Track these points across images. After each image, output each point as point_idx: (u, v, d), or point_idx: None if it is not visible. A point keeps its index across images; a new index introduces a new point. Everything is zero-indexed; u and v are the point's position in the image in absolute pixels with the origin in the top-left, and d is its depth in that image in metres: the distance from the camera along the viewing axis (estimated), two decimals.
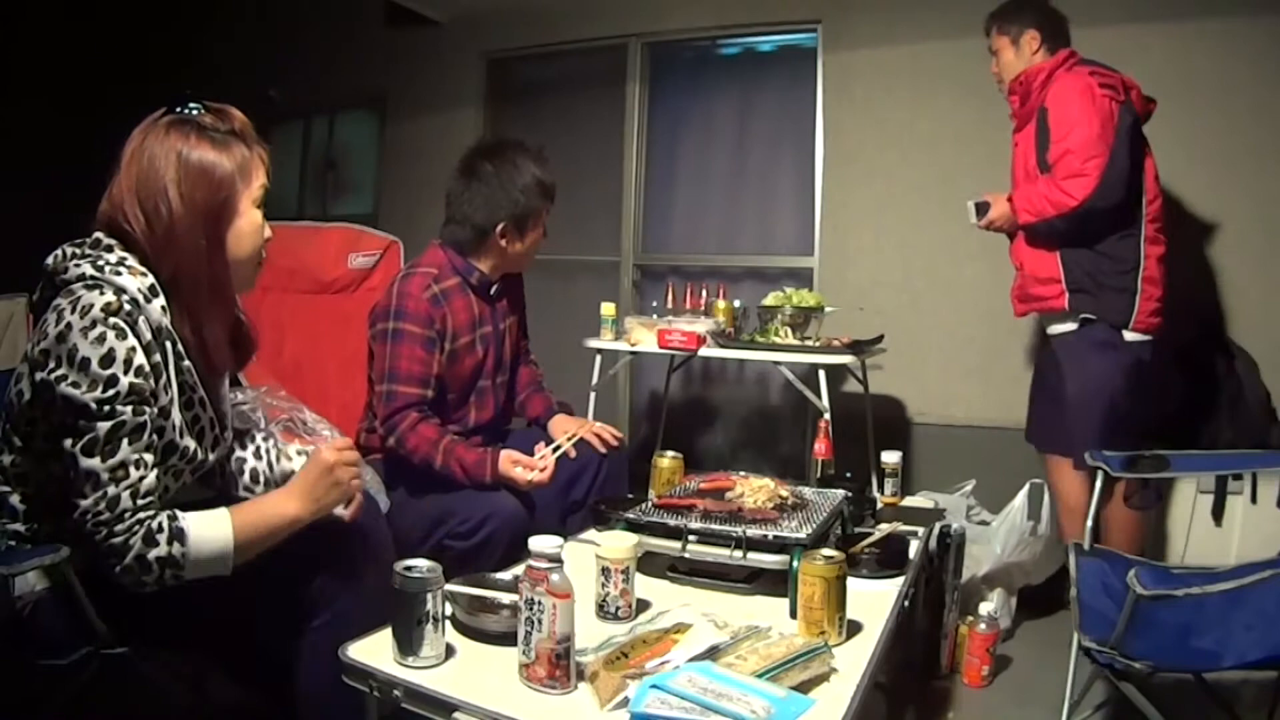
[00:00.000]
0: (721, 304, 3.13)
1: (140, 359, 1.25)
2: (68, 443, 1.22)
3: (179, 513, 1.27)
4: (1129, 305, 2.39)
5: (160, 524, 1.24)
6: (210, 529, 1.28)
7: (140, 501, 1.23)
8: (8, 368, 1.98)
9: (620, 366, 3.42)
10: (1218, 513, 2.59)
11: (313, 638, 1.35)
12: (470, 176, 2.16)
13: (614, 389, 4.10)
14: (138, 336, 1.25)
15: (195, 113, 1.35)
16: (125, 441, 1.23)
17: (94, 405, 1.20)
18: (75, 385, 1.20)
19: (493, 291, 2.23)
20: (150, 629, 1.34)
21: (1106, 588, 1.72)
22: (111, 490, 1.22)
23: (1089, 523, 1.92)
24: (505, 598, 1.39)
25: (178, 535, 1.25)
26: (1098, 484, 1.95)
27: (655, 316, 3.10)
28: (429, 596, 1.22)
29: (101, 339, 1.21)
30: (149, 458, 1.26)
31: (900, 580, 1.68)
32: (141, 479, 1.24)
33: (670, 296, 3.35)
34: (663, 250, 4.17)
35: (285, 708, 1.39)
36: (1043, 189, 2.39)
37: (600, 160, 4.19)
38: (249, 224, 1.37)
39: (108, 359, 1.21)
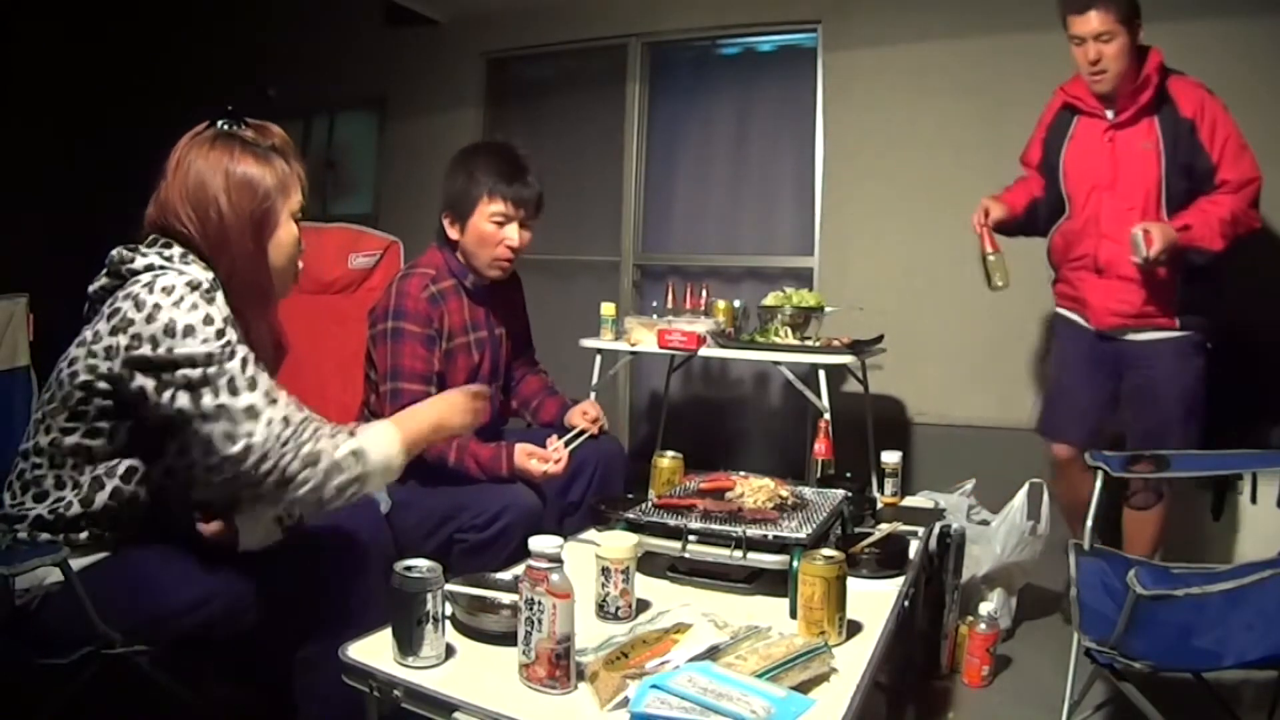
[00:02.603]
0: (721, 304, 3.13)
1: (228, 326, 1.31)
2: (207, 399, 1.25)
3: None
4: (1213, 322, 2.41)
5: (333, 431, 1.32)
6: (376, 431, 1.38)
7: (303, 414, 1.32)
8: (8, 367, 1.98)
9: (620, 366, 3.42)
10: (1218, 513, 2.59)
11: (317, 646, 1.35)
12: (447, 170, 2.20)
13: (614, 389, 4.10)
14: (219, 308, 1.31)
15: (237, 128, 1.41)
16: (258, 371, 1.30)
17: (217, 350, 1.26)
18: (188, 346, 1.25)
19: (487, 295, 2.23)
20: (151, 630, 1.34)
21: (1106, 588, 1.72)
22: (278, 411, 1.28)
23: (1089, 522, 1.92)
24: (505, 598, 1.39)
25: (350, 433, 1.34)
26: (1097, 483, 1.95)
27: (655, 316, 3.10)
28: (429, 596, 1.22)
29: (195, 306, 1.27)
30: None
31: (900, 580, 1.68)
32: (290, 398, 1.31)
33: (670, 296, 3.35)
34: (663, 250, 4.17)
35: (285, 708, 1.39)
36: (1236, 211, 2.28)
37: (600, 160, 4.20)
38: (287, 235, 1.43)
39: (208, 319, 1.27)
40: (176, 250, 1.34)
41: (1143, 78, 2.32)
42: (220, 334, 1.27)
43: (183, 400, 1.25)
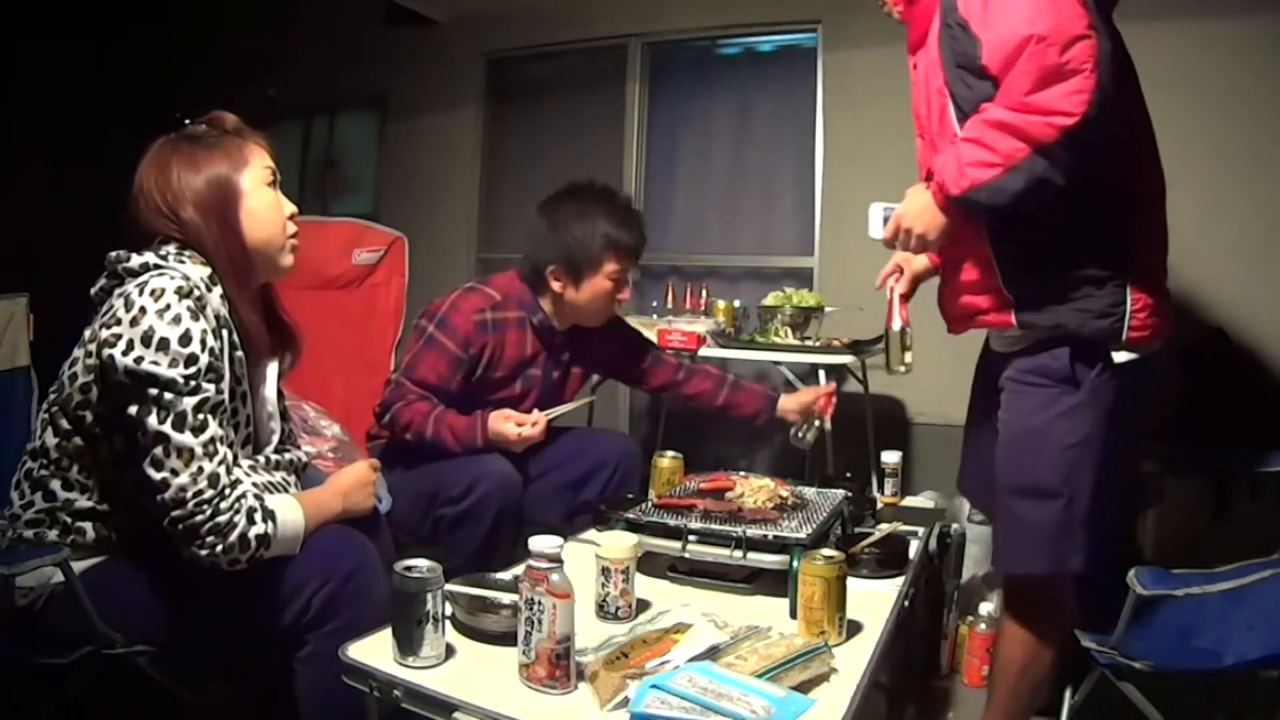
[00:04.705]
0: (721, 304, 3.13)
1: (211, 340, 1.29)
2: (153, 420, 1.24)
3: (260, 494, 1.33)
4: (1116, 306, 1.52)
5: (254, 505, 1.29)
6: (290, 512, 1.34)
7: (233, 478, 1.28)
8: (8, 367, 1.98)
9: None
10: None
11: (317, 646, 1.35)
12: (543, 212, 2.16)
13: (614, 389, 4.10)
14: (206, 320, 1.30)
15: (188, 126, 1.42)
16: (211, 417, 1.27)
17: (180, 380, 1.24)
18: (156, 364, 1.23)
19: (556, 340, 2.20)
20: (151, 630, 1.34)
21: None
22: (208, 466, 1.25)
23: None
24: (505, 598, 1.39)
25: (270, 515, 1.30)
26: None
27: (655, 316, 3.10)
28: (429, 596, 1.22)
29: (178, 319, 1.25)
30: (229, 435, 1.31)
31: (900, 580, 1.68)
32: (229, 456, 1.28)
33: (670, 296, 3.35)
34: (662, 250, 4.17)
35: (285, 708, 1.39)
36: (1000, 115, 1.41)
37: (600, 160, 4.19)
38: (259, 202, 1.42)
39: (185, 338, 1.25)
40: (172, 247, 1.35)
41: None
42: (192, 360, 1.25)
43: (133, 410, 1.25)
